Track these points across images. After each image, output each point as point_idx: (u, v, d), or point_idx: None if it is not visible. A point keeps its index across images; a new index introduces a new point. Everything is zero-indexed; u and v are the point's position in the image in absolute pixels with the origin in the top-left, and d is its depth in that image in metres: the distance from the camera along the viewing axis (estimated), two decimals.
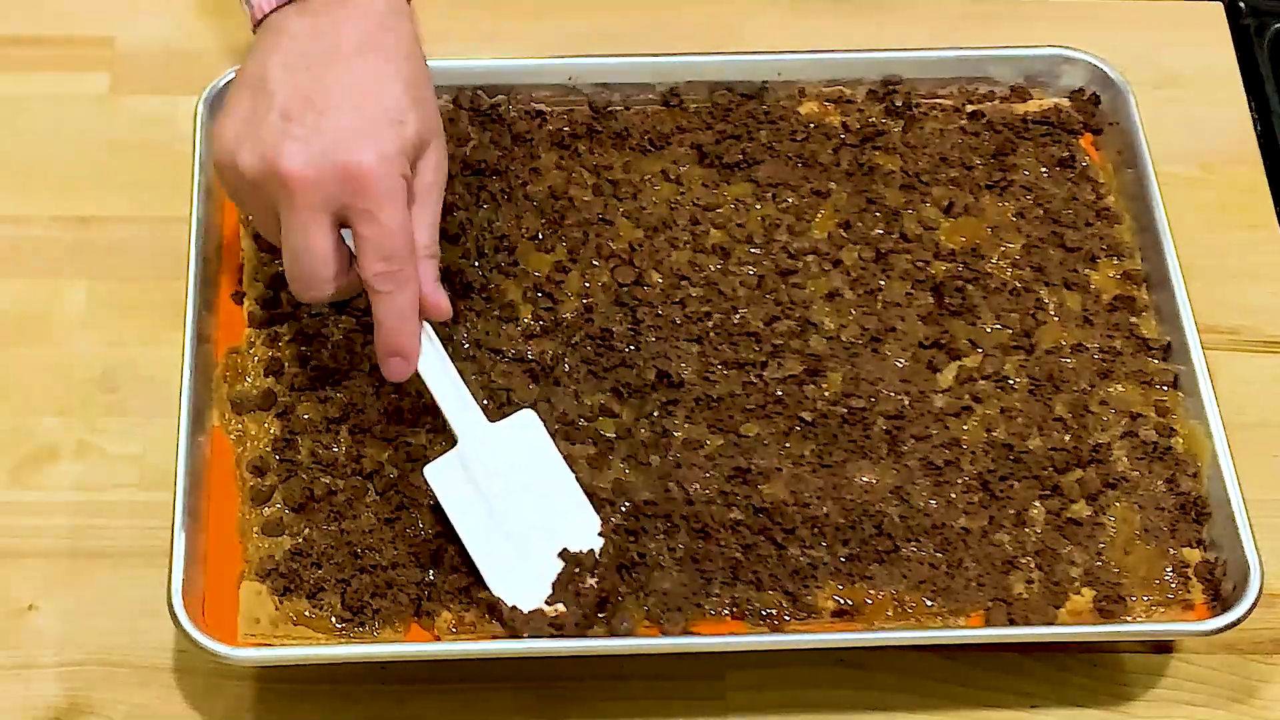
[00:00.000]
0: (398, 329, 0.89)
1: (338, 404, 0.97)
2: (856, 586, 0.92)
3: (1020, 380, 0.99)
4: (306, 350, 0.99)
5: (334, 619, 0.91)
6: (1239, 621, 0.90)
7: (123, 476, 1.00)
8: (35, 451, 1.01)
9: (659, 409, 0.97)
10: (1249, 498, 0.94)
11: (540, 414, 0.95)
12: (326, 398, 0.97)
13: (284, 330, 1.00)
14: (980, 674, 0.95)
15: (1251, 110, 1.18)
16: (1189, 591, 0.93)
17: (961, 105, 1.11)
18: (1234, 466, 0.95)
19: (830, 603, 0.92)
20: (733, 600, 0.92)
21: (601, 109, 1.09)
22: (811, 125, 1.09)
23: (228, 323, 1.00)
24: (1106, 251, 1.05)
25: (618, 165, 1.07)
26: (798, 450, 0.96)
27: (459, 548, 0.92)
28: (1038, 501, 0.96)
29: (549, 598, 0.91)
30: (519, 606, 0.90)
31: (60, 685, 0.94)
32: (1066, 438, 0.97)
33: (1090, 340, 1.01)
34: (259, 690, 0.94)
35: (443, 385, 0.93)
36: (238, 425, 0.97)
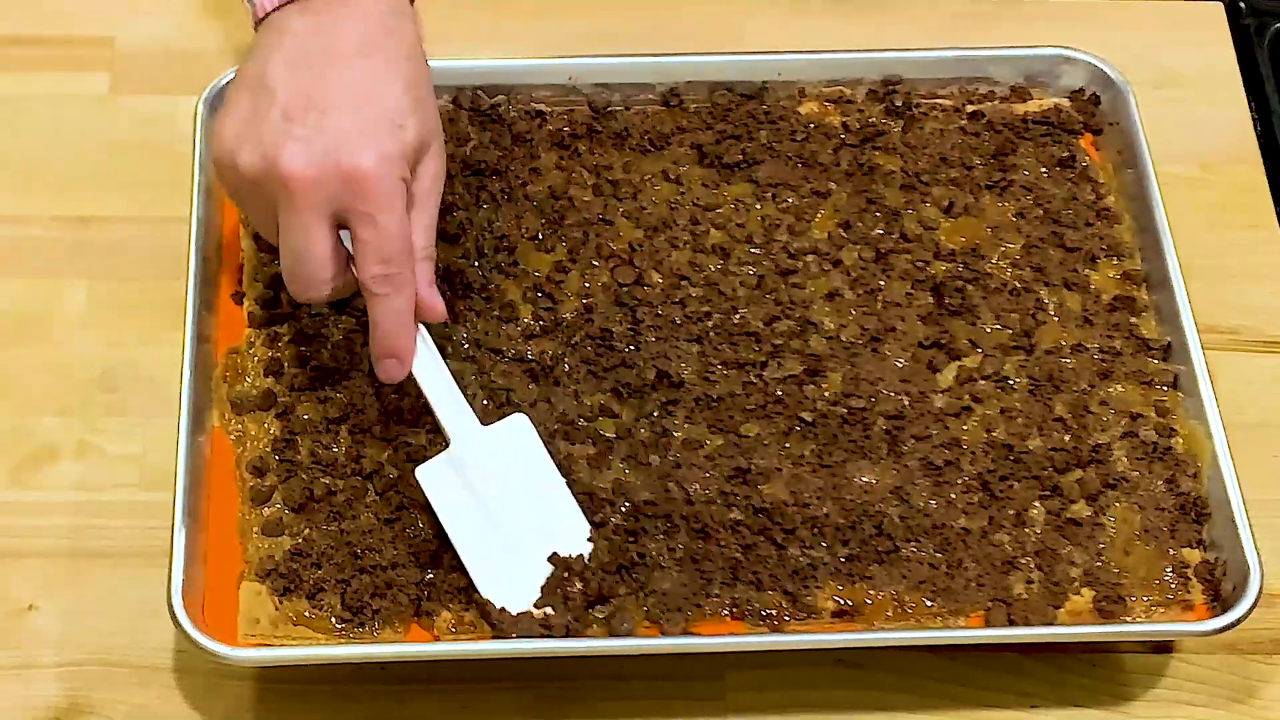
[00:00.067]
0: (394, 331, 0.89)
1: (338, 404, 0.97)
2: (856, 586, 0.92)
3: (1020, 380, 0.99)
4: (306, 350, 0.99)
5: (334, 619, 0.91)
6: (1239, 622, 0.90)
7: (123, 476, 1.00)
8: (35, 451, 1.01)
9: (659, 409, 0.97)
10: (1249, 498, 0.94)
11: (540, 414, 0.96)
12: (326, 398, 0.97)
13: (284, 330, 1.00)
14: (980, 674, 0.95)
15: (1251, 110, 1.18)
16: (1189, 592, 0.93)
17: (961, 105, 1.10)
18: (1234, 466, 0.95)
19: (830, 603, 0.92)
20: (733, 600, 0.92)
21: (601, 109, 1.09)
22: (811, 125, 1.09)
23: (228, 323, 1.00)
24: (1106, 251, 1.05)
25: (618, 165, 1.07)
26: (798, 450, 0.96)
27: (455, 549, 0.92)
28: (1038, 502, 0.96)
29: (538, 601, 0.91)
30: (507, 609, 0.90)
31: (60, 685, 0.94)
32: (1066, 438, 0.97)
33: (1090, 340, 1.01)
34: (259, 690, 0.94)
35: (437, 387, 0.92)
36: (238, 425, 0.97)
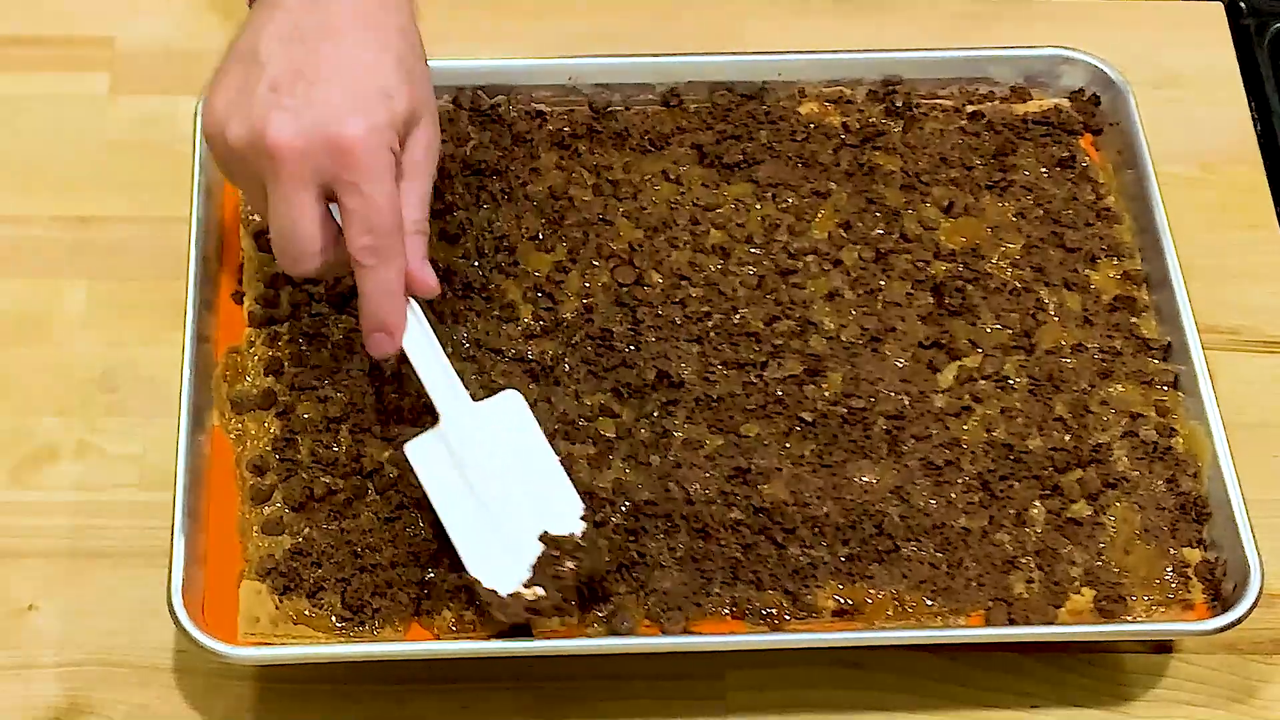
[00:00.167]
0: (382, 304, 0.89)
1: (338, 403, 0.97)
2: (856, 586, 0.92)
3: (1020, 380, 0.99)
4: (306, 349, 0.99)
5: (334, 618, 0.91)
6: (1239, 621, 0.90)
7: (123, 476, 1.00)
8: (35, 451, 1.01)
9: (659, 409, 0.97)
10: (1249, 498, 0.94)
11: (540, 414, 0.95)
12: (326, 397, 0.97)
13: (284, 330, 1.00)
14: (980, 674, 0.95)
15: (1251, 110, 1.18)
16: (1189, 591, 0.93)
17: (961, 105, 1.10)
18: (1234, 466, 0.95)
19: (830, 602, 0.92)
20: (733, 600, 0.92)
21: (601, 109, 1.09)
22: (811, 125, 1.09)
23: (228, 322, 1.00)
24: (1106, 252, 1.05)
25: (618, 165, 1.07)
26: (798, 450, 0.96)
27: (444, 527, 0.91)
28: (1038, 501, 0.96)
29: (527, 580, 0.89)
30: (496, 589, 0.89)
31: (60, 685, 0.94)
32: (1067, 438, 0.97)
33: (1090, 340, 1.01)
34: (259, 690, 0.94)
35: (427, 361, 0.91)
36: (237, 425, 0.97)
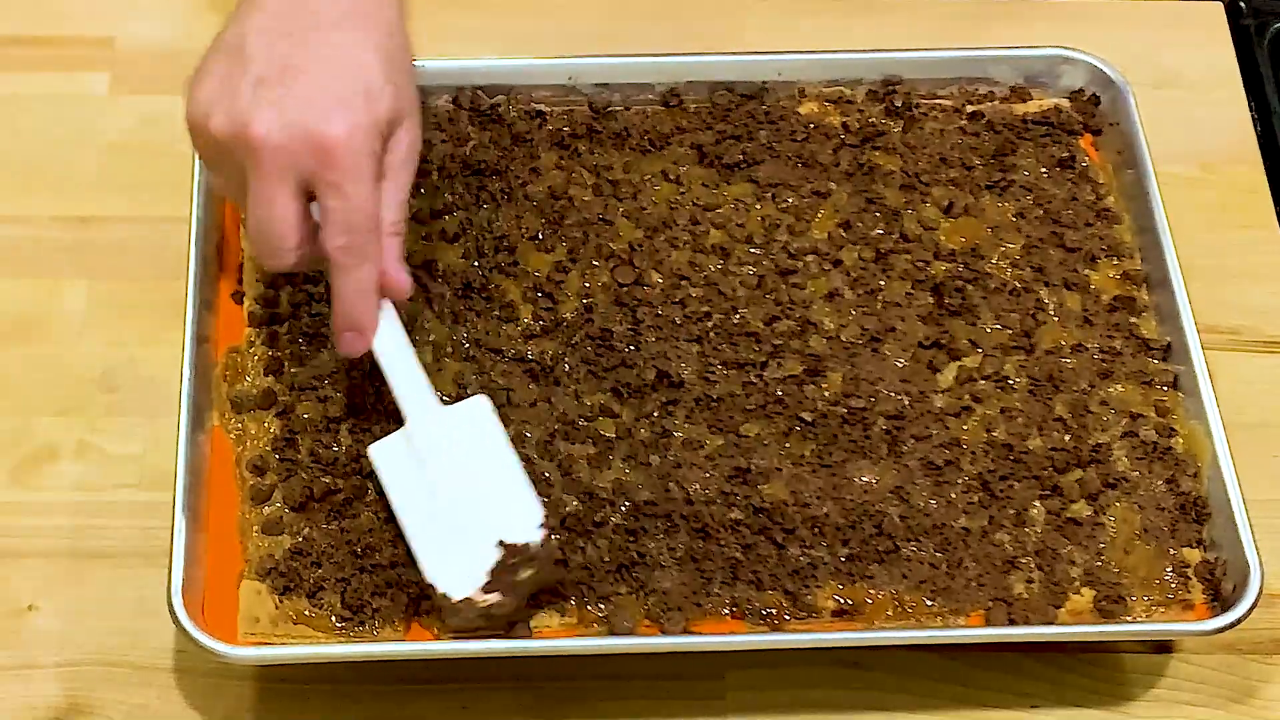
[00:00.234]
0: (355, 303, 0.89)
1: (338, 404, 0.97)
2: (856, 586, 0.92)
3: (1020, 380, 0.99)
4: (306, 350, 0.99)
5: (334, 618, 0.91)
6: (1239, 621, 0.90)
7: (123, 476, 1.00)
8: (35, 451, 1.01)
9: (659, 409, 0.97)
10: (1249, 498, 0.94)
11: (540, 414, 0.95)
12: (326, 397, 0.97)
13: (284, 330, 1.00)
14: (980, 674, 0.95)
15: (1251, 110, 1.18)
16: (1189, 591, 0.93)
17: (961, 105, 1.10)
18: (1234, 466, 0.95)
19: (830, 602, 0.92)
20: (733, 600, 0.92)
21: (601, 109, 1.09)
22: (811, 125, 1.09)
23: (228, 322, 1.00)
24: (1106, 252, 1.05)
25: (618, 165, 1.07)
26: (798, 450, 0.96)
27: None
28: (1038, 501, 0.96)
29: (484, 586, 0.89)
30: (449, 594, 0.88)
31: (60, 685, 0.94)
32: (1066, 438, 0.97)
33: (1090, 340, 1.01)
34: (259, 690, 0.94)
35: (395, 363, 0.91)
36: (237, 424, 0.97)
